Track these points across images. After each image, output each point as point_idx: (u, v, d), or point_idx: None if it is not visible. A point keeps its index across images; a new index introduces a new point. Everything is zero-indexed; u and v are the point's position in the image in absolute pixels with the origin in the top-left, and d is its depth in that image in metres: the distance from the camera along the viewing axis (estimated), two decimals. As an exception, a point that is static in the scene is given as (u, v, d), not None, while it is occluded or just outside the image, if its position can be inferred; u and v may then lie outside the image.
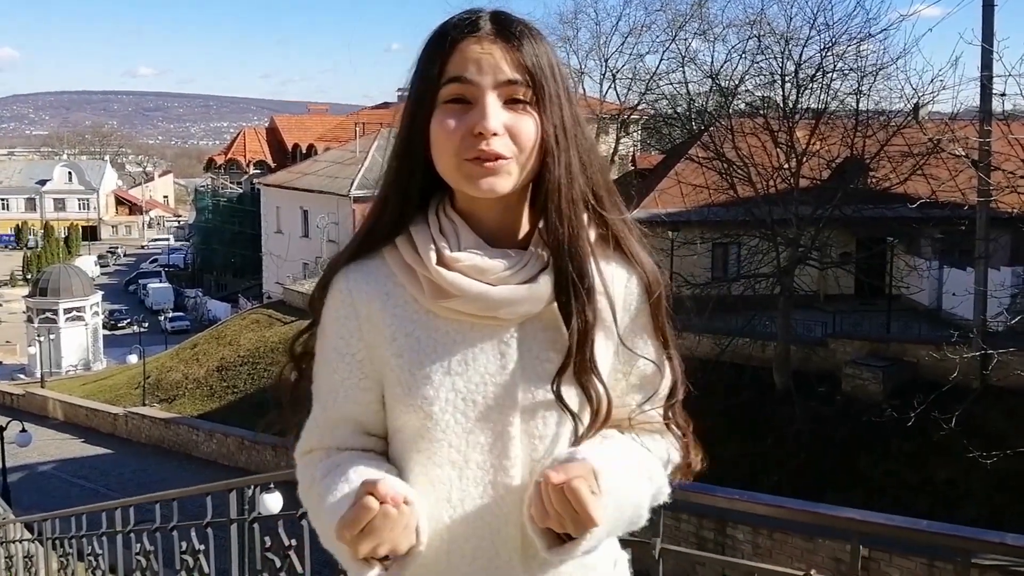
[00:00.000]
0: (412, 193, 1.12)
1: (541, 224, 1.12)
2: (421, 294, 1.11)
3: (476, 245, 1.11)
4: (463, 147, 1.06)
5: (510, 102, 1.06)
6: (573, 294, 1.09)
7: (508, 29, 1.08)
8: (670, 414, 1.18)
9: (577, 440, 1.11)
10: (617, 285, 1.14)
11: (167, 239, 72.68)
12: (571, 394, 1.10)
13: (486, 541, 1.10)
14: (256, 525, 3.59)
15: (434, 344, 1.10)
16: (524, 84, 1.06)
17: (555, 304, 1.10)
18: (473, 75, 1.05)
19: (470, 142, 1.05)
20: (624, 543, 1.27)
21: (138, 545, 4.54)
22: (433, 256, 1.09)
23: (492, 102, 1.05)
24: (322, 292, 1.17)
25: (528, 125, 1.07)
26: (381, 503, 0.96)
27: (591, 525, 0.98)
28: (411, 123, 1.10)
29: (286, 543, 3.31)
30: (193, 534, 4.00)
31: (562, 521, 0.99)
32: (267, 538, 3.46)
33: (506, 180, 1.07)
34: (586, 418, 1.11)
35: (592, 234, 1.13)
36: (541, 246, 1.12)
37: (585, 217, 1.11)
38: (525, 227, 1.14)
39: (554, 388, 1.09)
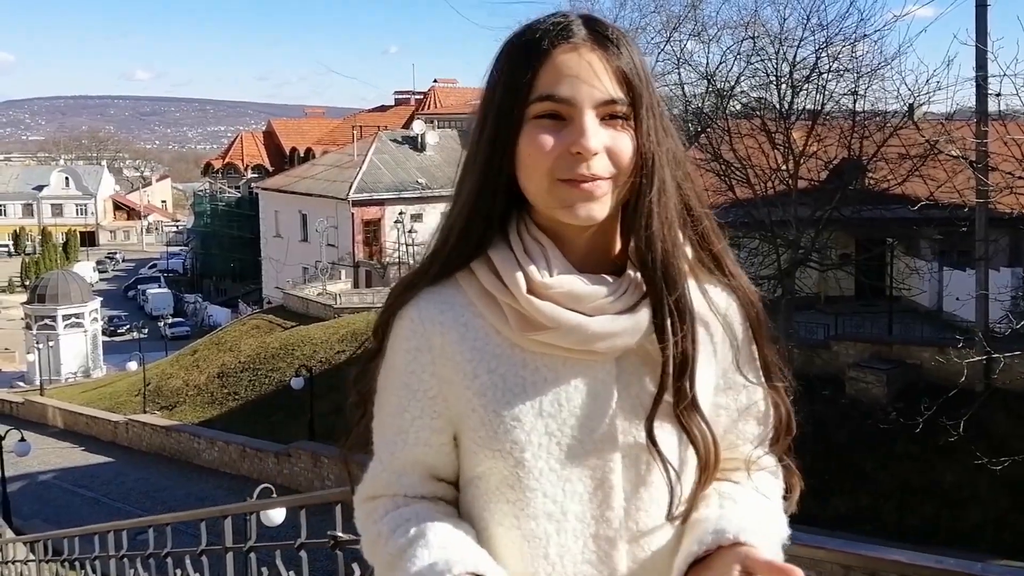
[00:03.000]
0: (494, 215, 1.02)
1: (632, 246, 1.02)
2: (504, 325, 1.00)
3: (567, 271, 1.00)
4: (558, 167, 0.97)
5: (608, 117, 0.98)
6: (671, 322, 0.99)
7: (605, 35, 0.98)
8: (784, 452, 1.09)
9: (695, 491, 1.02)
10: (718, 310, 1.05)
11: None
12: (670, 434, 1.00)
13: None
14: (252, 555, 3.51)
15: (522, 382, 1.00)
16: (623, 101, 0.98)
17: (654, 336, 1.01)
18: (570, 93, 0.96)
19: (567, 162, 0.97)
20: None
21: (131, 571, 4.47)
22: (523, 283, 0.98)
23: (591, 121, 0.96)
24: (387, 320, 1.06)
25: (626, 143, 0.98)
26: None
27: None
28: (494, 138, 1.00)
29: (284, 574, 3.23)
30: (188, 561, 3.92)
31: None
32: (264, 568, 3.38)
33: (604, 205, 0.98)
34: (688, 460, 1.02)
35: (688, 254, 1.03)
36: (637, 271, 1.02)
37: (681, 236, 1.02)
38: (616, 248, 1.05)
39: (646, 427, 0.99)
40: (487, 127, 1.01)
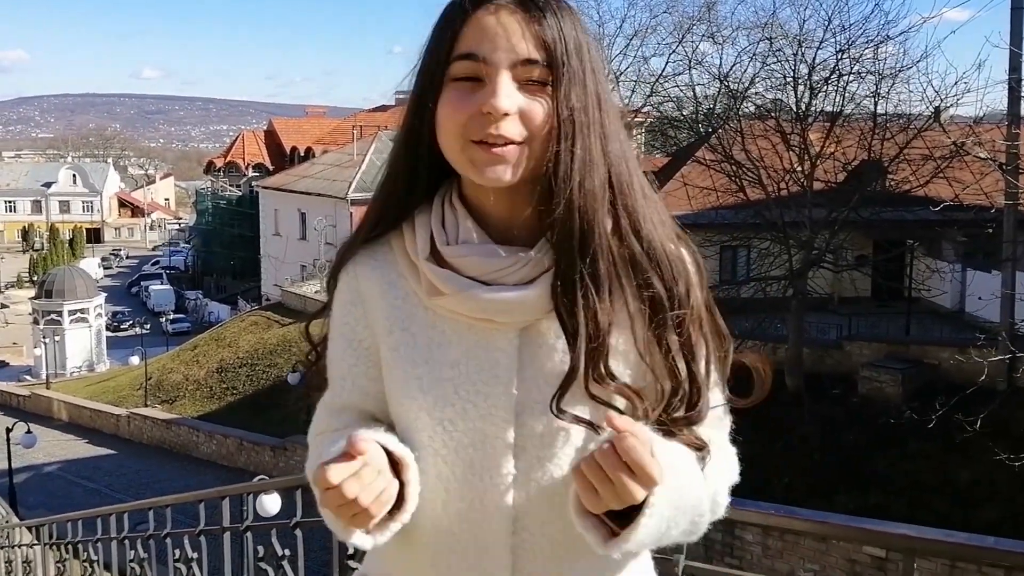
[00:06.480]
0: (420, 177, 1.04)
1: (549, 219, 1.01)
2: (419, 287, 1.03)
3: (476, 239, 1.02)
4: (470, 128, 0.97)
5: (526, 82, 0.97)
6: (583, 298, 0.97)
7: None
8: (683, 425, 1.02)
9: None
10: (639, 282, 1.03)
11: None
12: (582, 406, 0.98)
13: (472, 562, 1.03)
14: (249, 534, 3.47)
15: (428, 343, 1.03)
16: (541, 64, 0.97)
17: (563, 309, 1.00)
18: (486, 52, 0.96)
19: (478, 122, 0.96)
20: None
21: (132, 552, 4.49)
22: (425, 249, 1.02)
23: (505, 81, 0.96)
24: (334, 275, 1.12)
25: (540, 108, 0.97)
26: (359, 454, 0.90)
27: (651, 484, 0.87)
28: (419, 101, 1.02)
29: (279, 553, 3.21)
30: (186, 541, 3.91)
31: (616, 493, 0.88)
32: (260, 547, 3.36)
33: (513, 168, 0.98)
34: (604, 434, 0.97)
35: (610, 225, 1.01)
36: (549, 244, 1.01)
37: (606, 210, 1.00)
38: (537, 223, 1.02)
39: (554, 409, 0.97)
40: (415, 92, 1.03)
